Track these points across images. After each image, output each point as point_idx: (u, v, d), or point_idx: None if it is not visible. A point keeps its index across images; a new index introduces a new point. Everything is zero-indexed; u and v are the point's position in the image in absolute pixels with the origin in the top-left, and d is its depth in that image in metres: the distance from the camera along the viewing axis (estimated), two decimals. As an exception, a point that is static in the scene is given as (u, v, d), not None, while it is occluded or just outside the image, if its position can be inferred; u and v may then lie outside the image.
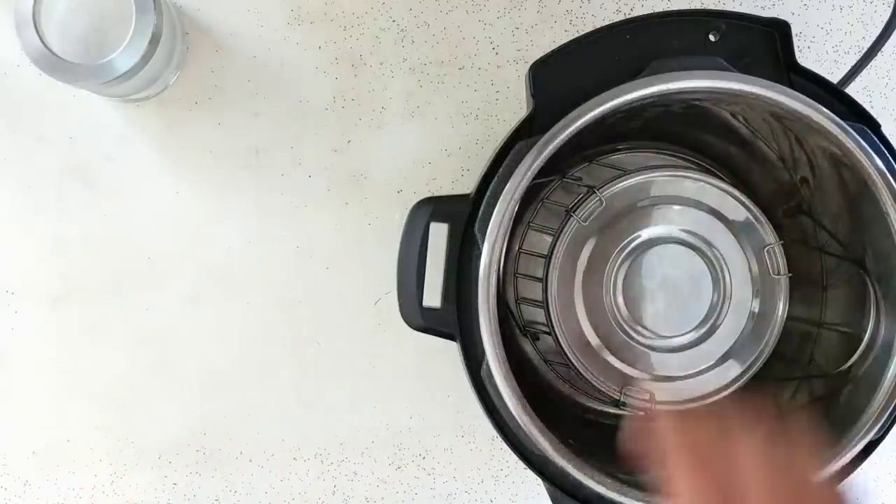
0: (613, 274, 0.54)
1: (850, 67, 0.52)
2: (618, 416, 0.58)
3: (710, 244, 0.55)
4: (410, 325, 0.48)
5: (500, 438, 0.48)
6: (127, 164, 0.60)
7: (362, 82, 0.61)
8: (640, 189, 0.55)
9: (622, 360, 0.54)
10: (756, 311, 0.55)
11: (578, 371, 0.54)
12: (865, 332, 0.51)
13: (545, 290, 0.54)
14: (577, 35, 0.49)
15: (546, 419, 0.46)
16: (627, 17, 0.57)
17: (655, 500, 0.46)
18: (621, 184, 0.54)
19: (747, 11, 0.52)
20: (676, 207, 0.55)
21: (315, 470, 0.62)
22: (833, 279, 0.55)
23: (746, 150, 0.56)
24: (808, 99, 0.47)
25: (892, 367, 0.47)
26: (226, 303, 0.61)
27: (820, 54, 0.63)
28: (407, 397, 0.62)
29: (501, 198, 0.46)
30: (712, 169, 0.59)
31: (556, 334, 0.54)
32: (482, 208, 0.46)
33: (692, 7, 0.61)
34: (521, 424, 0.46)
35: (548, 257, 0.54)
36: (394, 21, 0.61)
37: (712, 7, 0.62)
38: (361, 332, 0.62)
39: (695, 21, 0.49)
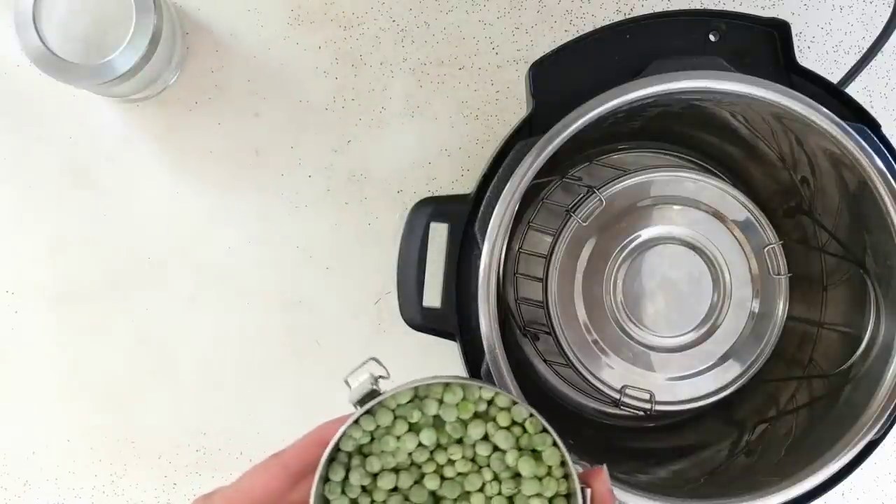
0: (613, 274, 0.54)
1: (850, 67, 0.52)
2: (618, 416, 0.58)
3: (710, 244, 0.55)
4: (410, 325, 0.48)
5: (500, 438, 0.47)
6: (127, 164, 0.60)
7: (362, 82, 0.61)
8: (640, 189, 0.55)
9: (622, 360, 0.54)
10: (756, 311, 0.55)
11: (578, 371, 0.54)
12: (865, 332, 0.51)
13: (545, 290, 0.54)
14: (577, 35, 0.49)
15: (546, 419, 0.46)
16: (627, 17, 0.57)
17: (655, 500, 0.46)
18: (621, 184, 0.54)
19: (747, 11, 0.52)
20: (676, 207, 0.55)
21: (315, 470, 0.62)
22: (833, 279, 0.55)
23: (746, 150, 0.56)
24: (808, 99, 0.47)
25: (892, 367, 0.47)
26: (226, 303, 0.61)
27: (820, 54, 0.63)
28: (407, 397, 0.62)
29: (501, 198, 0.46)
30: (712, 169, 0.59)
31: (556, 334, 0.54)
32: (482, 208, 0.46)
33: (692, 7, 0.61)
34: (521, 424, 0.45)
35: (548, 257, 0.54)
36: (394, 21, 0.61)
37: (712, 7, 0.62)
38: (361, 332, 0.62)
39: (695, 21, 0.49)
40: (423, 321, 0.48)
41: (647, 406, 0.54)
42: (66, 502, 0.61)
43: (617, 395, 0.54)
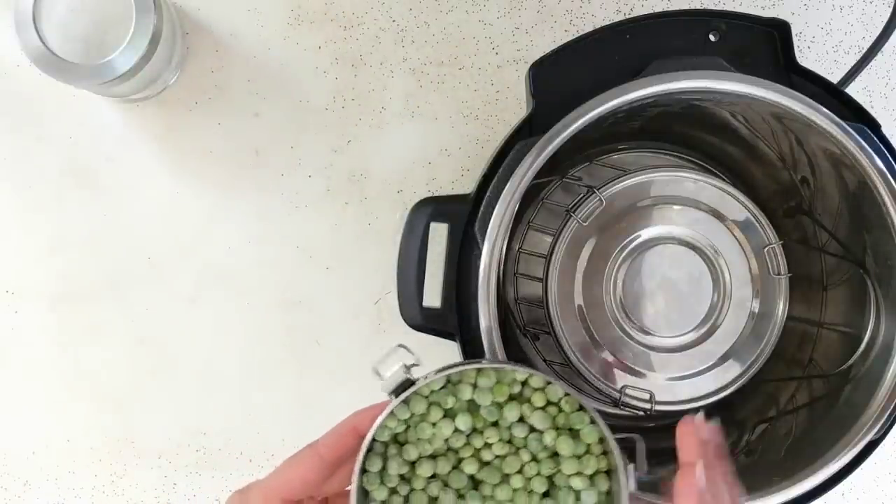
0: (613, 274, 0.54)
1: (850, 67, 0.52)
2: (618, 416, 0.58)
3: (709, 244, 0.55)
4: (410, 325, 0.48)
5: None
6: (127, 165, 0.60)
7: (362, 82, 0.61)
8: (640, 189, 0.55)
9: (622, 360, 0.54)
10: (756, 311, 0.55)
11: (578, 371, 0.54)
12: (865, 332, 0.51)
13: (545, 290, 0.54)
14: (577, 35, 0.49)
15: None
16: (627, 17, 0.57)
17: (656, 500, 0.46)
18: (621, 184, 0.54)
19: (747, 11, 0.52)
20: (676, 207, 0.55)
21: (315, 470, 0.62)
22: (833, 279, 0.55)
23: (746, 150, 0.56)
24: (808, 99, 0.47)
25: (892, 367, 0.47)
26: (226, 303, 0.61)
27: (820, 54, 0.63)
28: (407, 397, 0.62)
29: (501, 198, 0.46)
30: (712, 169, 0.59)
31: (556, 334, 0.54)
32: (482, 208, 0.46)
33: (692, 7, 0.61)
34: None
35: (548, 257, 0.54)
36: (394, 21, 0.61)
37: (712, 7, 0.62)
38: (361, 332, 0.62)
39: (695, 21, 0.49)
40: (423, 321, 0.48)
41: (647, 406, 0.54)
42: (66, 502, 0.61)
43: (617, 395, 0.54)
